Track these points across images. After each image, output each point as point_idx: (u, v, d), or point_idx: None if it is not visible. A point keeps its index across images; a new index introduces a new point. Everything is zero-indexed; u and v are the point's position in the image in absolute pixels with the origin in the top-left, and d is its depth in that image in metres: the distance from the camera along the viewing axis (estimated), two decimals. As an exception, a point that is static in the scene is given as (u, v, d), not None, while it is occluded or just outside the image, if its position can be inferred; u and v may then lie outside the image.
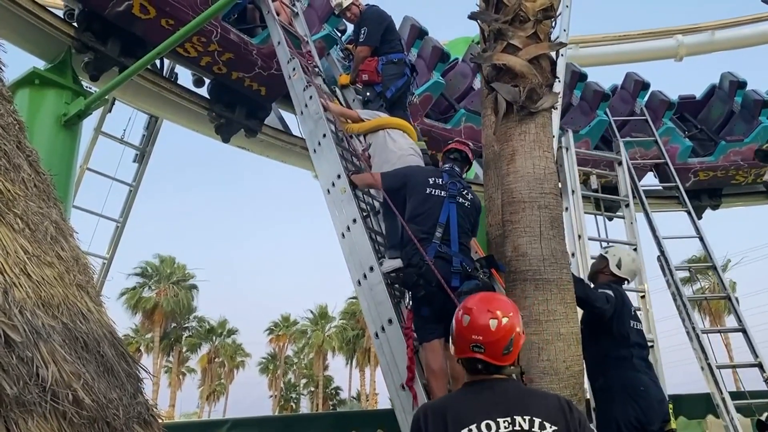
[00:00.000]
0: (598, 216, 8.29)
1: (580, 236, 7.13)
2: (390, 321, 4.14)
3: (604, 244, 6.00)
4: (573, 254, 7.12)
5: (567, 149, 7.79)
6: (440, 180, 4.29)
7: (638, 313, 6.61)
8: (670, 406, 4.64)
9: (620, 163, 8.29)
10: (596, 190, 8.71)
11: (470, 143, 4.75)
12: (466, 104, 9.40)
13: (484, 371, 2.39)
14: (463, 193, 4.30)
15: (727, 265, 38.69)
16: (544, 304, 3.85)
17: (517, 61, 4.18)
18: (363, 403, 48.63)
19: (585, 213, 7.55)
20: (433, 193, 4.21)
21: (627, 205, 7.84)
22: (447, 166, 4.48)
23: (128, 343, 43.89)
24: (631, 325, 4.59)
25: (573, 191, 7.46)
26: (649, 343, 6.65)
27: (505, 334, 2.37)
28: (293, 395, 55.12)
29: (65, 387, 2.42)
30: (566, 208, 7.43)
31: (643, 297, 6.97)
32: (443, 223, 4.08)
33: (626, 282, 4.94)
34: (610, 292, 4.62)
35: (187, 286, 46.31)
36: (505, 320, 2.40)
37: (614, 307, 4.52)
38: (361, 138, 5.46)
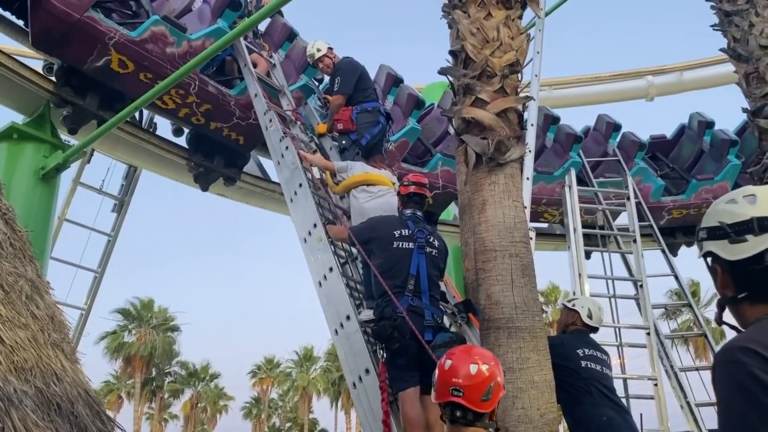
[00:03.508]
0: (600, 252, 8.24)
1: (580, 275, 7.03)
2: (367, 371, 4.15)
3: (571, 295, 5.89)
4: (574, 293, 7.07)
5: (570, 187, 7.67)
6: (406, 231, 4.30)
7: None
8: None
9: (629, 198, 8.14)
10: (602, 227, 8.74)
11: (425, 180, 4.71)
12: (442, 148, 9.55)
13: (462, 419, 2.42)
14: (430, 240, 4.33)
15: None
16: (517, 352, 3.91)
17: (485, 115, 4.33)
18: (349, 446, 47.71)
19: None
20: (400, 246, 4.22)
21: (634, 240, 7.61)
22: (409, 212, 4.47)
23: (110, 390, 42.98)
24: (583, 364, 4.51)
25: (575, 229, 7.35)
26: (653, 381, 6.62)
27: (485, 380, 2.43)
28: (278, 440, 53.97)
29: (36, 454, 2.42)
30: (568, 247, 7.36)
31: (648, 334, 6.92)
32: (414, 274, 4.12)
33: (596, 330, 4.93)
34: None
35: (168, 331, 45.50)
36: (485, 367, 2.47)
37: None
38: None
